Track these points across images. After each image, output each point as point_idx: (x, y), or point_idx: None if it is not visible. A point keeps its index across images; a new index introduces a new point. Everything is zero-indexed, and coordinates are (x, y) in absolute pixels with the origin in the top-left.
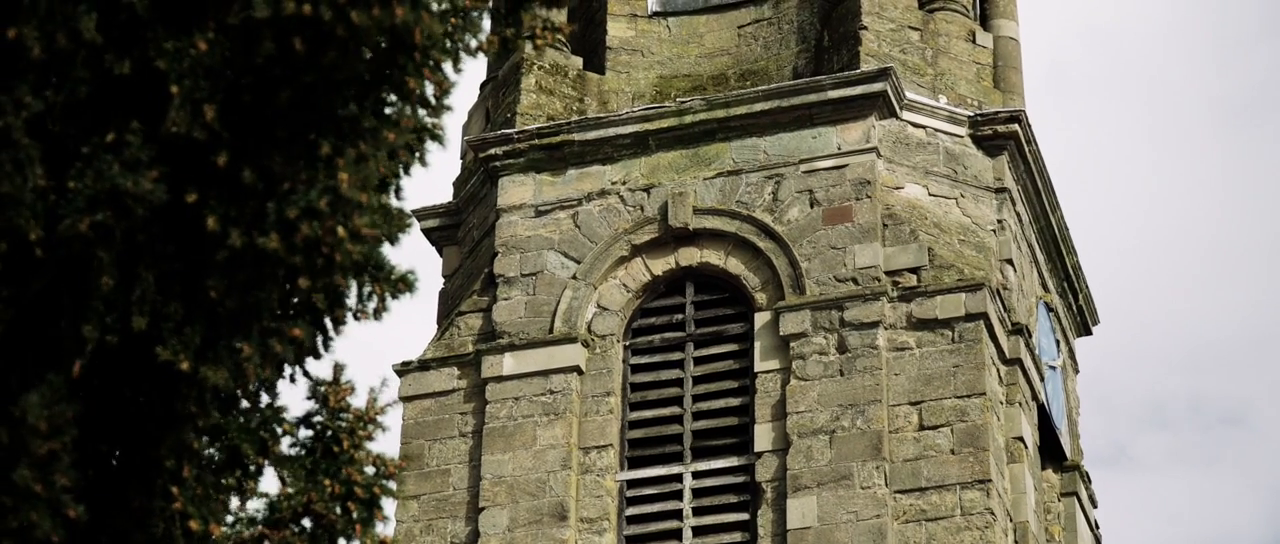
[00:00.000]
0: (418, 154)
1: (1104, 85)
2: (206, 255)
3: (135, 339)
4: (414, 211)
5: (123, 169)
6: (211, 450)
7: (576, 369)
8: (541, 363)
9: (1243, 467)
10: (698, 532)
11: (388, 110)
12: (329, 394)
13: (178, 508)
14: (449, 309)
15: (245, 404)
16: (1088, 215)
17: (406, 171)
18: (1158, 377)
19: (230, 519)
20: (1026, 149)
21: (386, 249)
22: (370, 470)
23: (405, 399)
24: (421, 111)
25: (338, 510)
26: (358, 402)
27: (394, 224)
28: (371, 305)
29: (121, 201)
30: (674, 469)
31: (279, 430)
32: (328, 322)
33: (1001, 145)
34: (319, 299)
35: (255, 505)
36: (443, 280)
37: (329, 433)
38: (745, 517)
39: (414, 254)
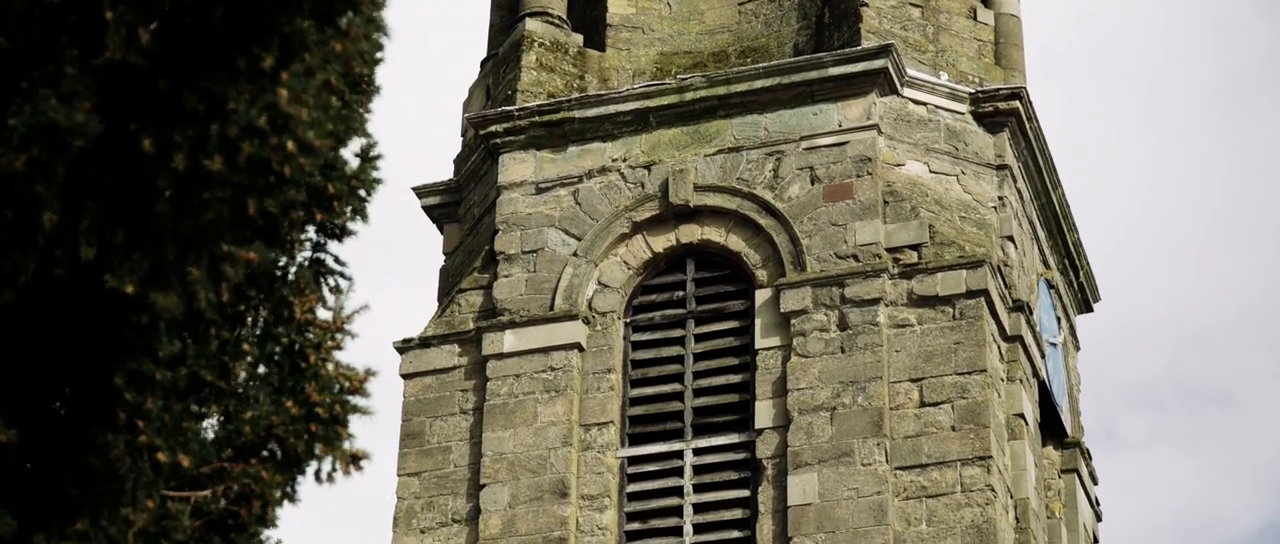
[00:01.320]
0: (374, 57)
1: (1102, 65)
2: (152, 180)
3: (84, 270)
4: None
5: (59, 102)
6: (170, 375)
7: (577, 346)
8: (542, 340)
9: (1230, 448)
10: (698, 508)
11: (341, 22)
12: (294, 305)
13: (144, 441)
14: (450, 286)
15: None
16: (1080, 197)
17: (369, 80)
18: (1146, 358)
19: (194, 446)
20: (1027, 126)
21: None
22: (334, 388)
23: (406, 376)
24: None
25: (302, 433)
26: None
27: (345, 123)
28: (334, 204)
29: (57, 136)
30: (675, 446)
31: (243, 350)
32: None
33: (1002, 122)
34: (270, 204)
35: (217, 430)
36: (443, 257)
37: (295, 347)
38: (746, 493)
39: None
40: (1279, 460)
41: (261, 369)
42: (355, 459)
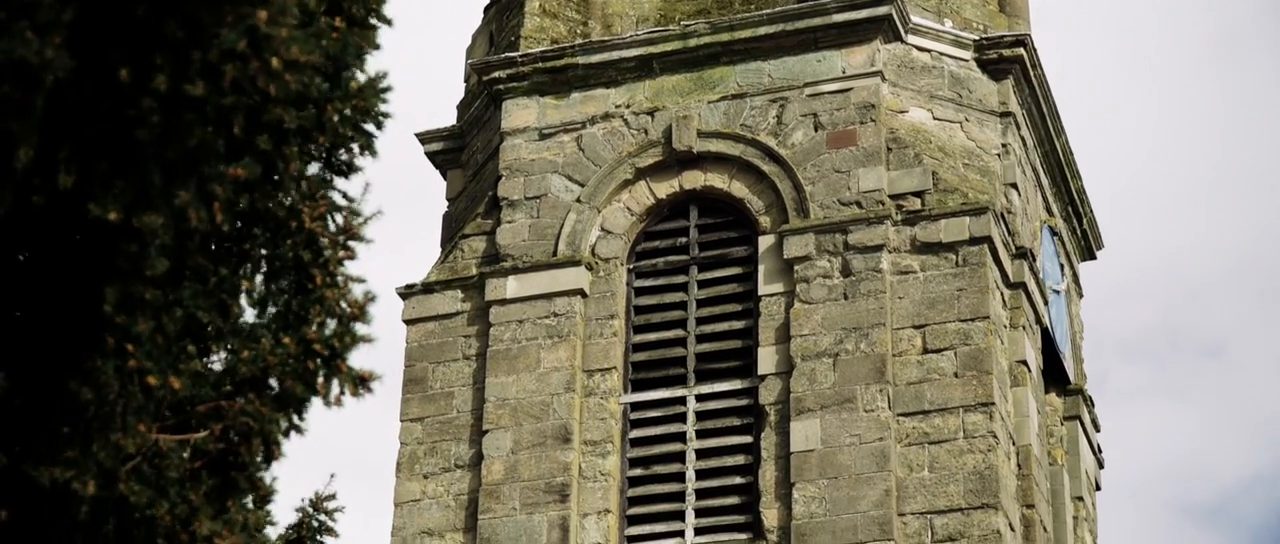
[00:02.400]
0: None
1: (1099, 14)
2: (134, 108)
3: (67, 199)
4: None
5: (34, 35)
6: (159, 294)
7: (580, 292)
8: (545, 286)
9: (1221, 400)
10: (701, 454)
11: None
12: (304, 211)
13: (134, 366)
14: (453, 232)
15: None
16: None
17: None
18: (1138, 308)
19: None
20: (1031, 73)
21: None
22: (331, 325)
23: (409, 322)
24: None
25: (299, 372)
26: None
27: (341, 44)
28: (343, 130)
29: (29, 72)
30: (677, 392)
31: (240, 285)
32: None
33: (1006, 69)
34: (263, 141)
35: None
36: (447, 203)
37: (304, 261)
38: (748, 439)
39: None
40: (1270, 412)
41: (266, 295)
42: (363, 381)
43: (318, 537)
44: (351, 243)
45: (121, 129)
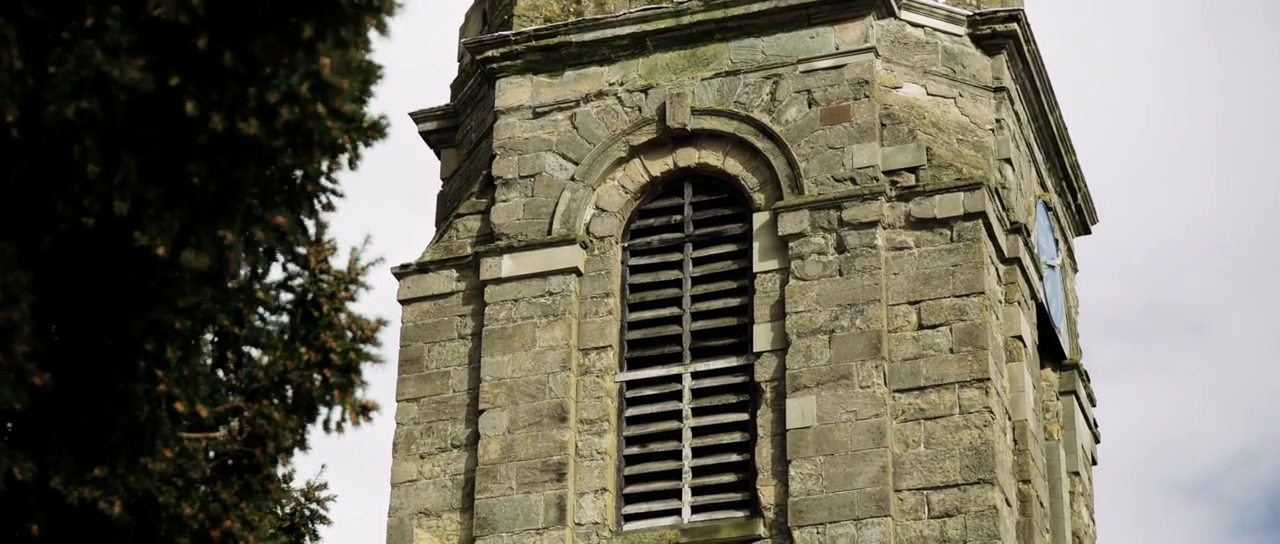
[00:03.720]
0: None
1: None
2: (188, 140)
3: (114, 223)
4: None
5: (104, 55)
6: (189, 324)
7: (575, 270)
8: (540, 264)
9: (1207, 376)
10: (697, 432)
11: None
12: (310, 255)
13: (163, 391)
14: (447, 211)
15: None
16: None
17: (381, 30)
18: (1121, 285)
19: (207, 391)
20: (1025, 48)
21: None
22: (347, 336)
23: (404, 302)
24: None
25: (315, 378)
26: (340, 265)
27: (367, 76)
28: (345, 157)
29: (106, 89)
30: (673, 370)
31: (257, 296)
32: (317, 201)
33: (1000, 44)
34: (294, 171)
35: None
36: (441, 183)
37: (309, 296)
38: (744, 417)
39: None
40: (1255, 388)
41: (278, 316)
42: (365, 409)
43: (310, 523)
44: (352, 286)
45: (175, 159)
